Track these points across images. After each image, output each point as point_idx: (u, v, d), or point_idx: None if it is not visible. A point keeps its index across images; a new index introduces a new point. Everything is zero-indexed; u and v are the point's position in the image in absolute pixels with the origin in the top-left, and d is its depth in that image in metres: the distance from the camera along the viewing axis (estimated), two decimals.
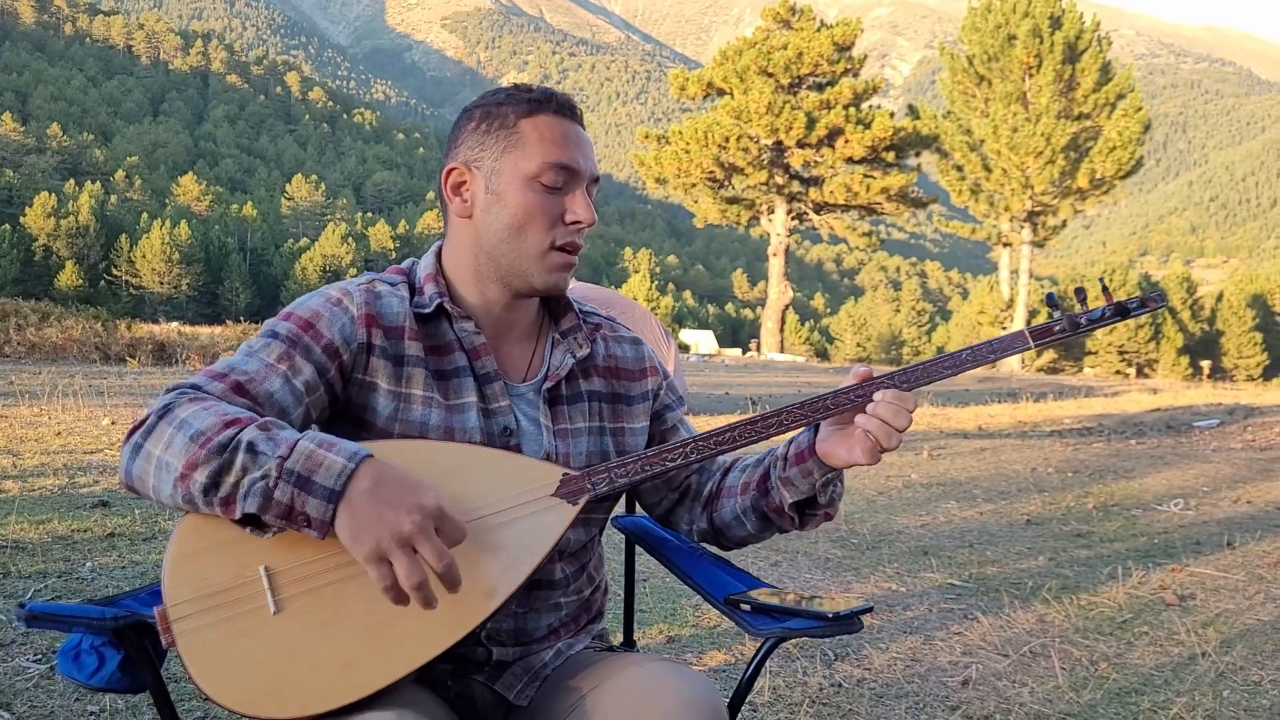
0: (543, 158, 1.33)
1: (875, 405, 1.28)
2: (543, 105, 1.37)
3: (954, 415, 13.18)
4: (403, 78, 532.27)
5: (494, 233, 1.36)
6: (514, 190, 1.34)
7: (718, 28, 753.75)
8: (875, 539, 5.17)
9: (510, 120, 1.36)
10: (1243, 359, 68.54)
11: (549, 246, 1.35)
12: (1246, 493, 6.84)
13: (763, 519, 1.46)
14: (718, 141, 40.02)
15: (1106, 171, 41.05)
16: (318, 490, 1.08)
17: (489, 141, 1.37)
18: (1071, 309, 1.37)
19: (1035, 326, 1.34)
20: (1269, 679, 3.14)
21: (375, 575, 1.07)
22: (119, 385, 11.47)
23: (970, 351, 1.34)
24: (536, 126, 1.35)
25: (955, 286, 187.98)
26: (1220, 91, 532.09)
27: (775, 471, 1.42)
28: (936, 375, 1.33)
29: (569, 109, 1.38)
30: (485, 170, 1.37)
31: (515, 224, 1.34)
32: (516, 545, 1.21)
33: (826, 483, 1.39)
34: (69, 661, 1.23)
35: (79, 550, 4.04)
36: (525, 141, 1.35)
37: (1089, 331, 1.37)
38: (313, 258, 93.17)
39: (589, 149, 1.39)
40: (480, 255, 1.38)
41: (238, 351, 1.30)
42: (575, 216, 1.35)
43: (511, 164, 1.35)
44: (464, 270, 1.40)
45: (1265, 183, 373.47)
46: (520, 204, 1.34)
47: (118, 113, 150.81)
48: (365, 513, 1.07)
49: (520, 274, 1.36)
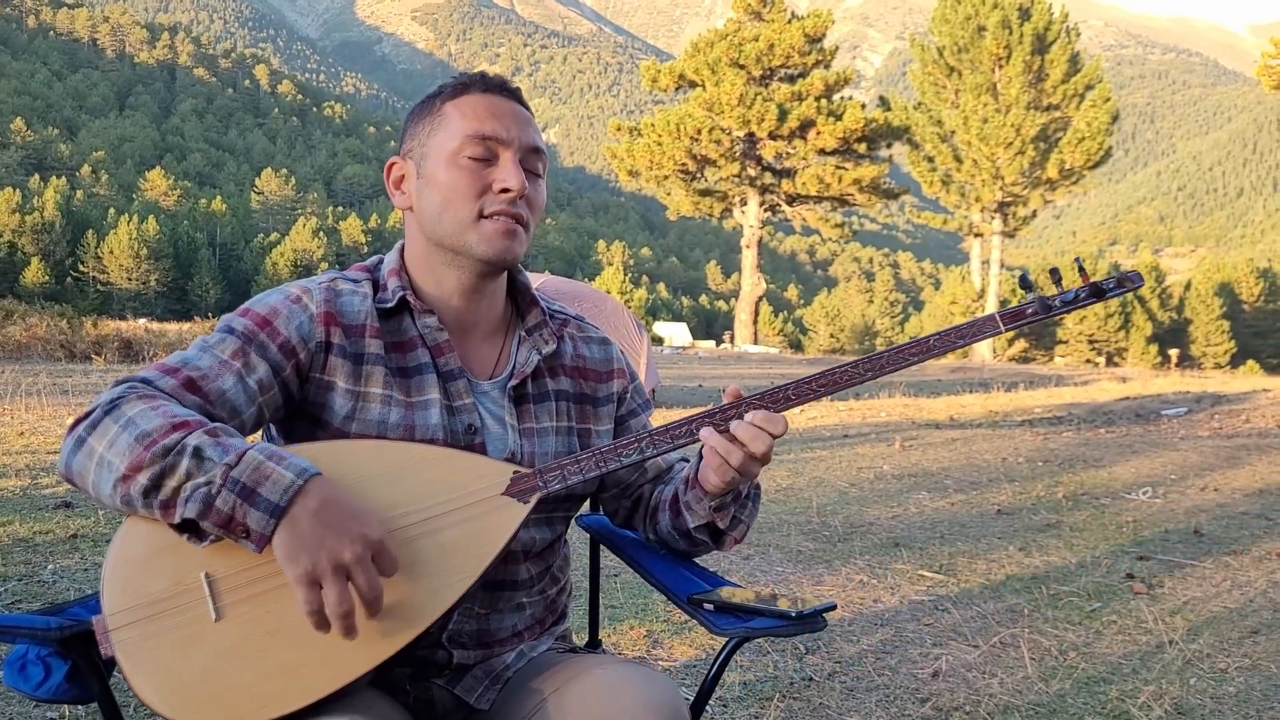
0: (463, 133, 1.32)
1: (737, 426, 1.28)
2: (468, 87, 1.36)
3: (926, 405, 13.25)
4: (373, 70, 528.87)
5: (429, 215, 1.34)
6: (440, 169, 1.33)
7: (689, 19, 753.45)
8: (847, 531, 5.18)
9: (437, 105, 1.37)
10: (1210, 347, 69.30)
11: (478, 215, 1.32)
12: (1214, 481, 6.91)
13: (686, 538, 1.46)
14: (690, 133, 39.99)
15: (1076, 162, 41.39)
16: (261, 503, 1.06)
17: (419, 130, 1.37)
18: (1047, 292, 1.35)
19: (1006, 309, 1.31)
20: (1235, 666, 3.16)
21: (303, 597, 1.05)
22: (84, 384, 11.32)
23: (938, 337, 1.31)
24: (459, 106, 1.34)
25: (928, 277, 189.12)
26: (1187, 82, 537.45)
27: (681, 494, 1.42)
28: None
29: (498, 86, 1.37)
30: (416, 157, 1.37)
31: (443, 200, 1.33)
32: (465, 545, 1.18)
33: (719, 508, 1.39)
34: (14, 672, 1.20)
35: (40, 553, 3.98)
36: (448, 121, 1.34)
37: (1063, 313, 1.33)
38: (283, 252, 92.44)
39: (523, 120, 1.36)
40: (427, 243, 1.37)
41: (192, 345, 1.27)
42: (503, 184, 1.31)
43: (436, 146, 1.34)
44: (419, 261, 1.38)
45: (1232, 172, 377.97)
46: (445, 181, 1.32)
47: (83, 107, 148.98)
48: (307, 533, 1.06)
49: (462, 249, 1.33)
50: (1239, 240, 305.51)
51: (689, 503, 1.40)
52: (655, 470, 1.52)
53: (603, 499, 1.57)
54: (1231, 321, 72.62)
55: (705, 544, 1.46)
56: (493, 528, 1.21)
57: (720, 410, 1.31)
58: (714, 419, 1.30)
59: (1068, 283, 1.34)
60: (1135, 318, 65.40)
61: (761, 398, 1.31)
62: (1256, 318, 77.40)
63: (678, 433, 1.29)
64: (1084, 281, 1.33)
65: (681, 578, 1.49)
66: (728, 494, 1.36)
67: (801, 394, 1.31)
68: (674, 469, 1.54)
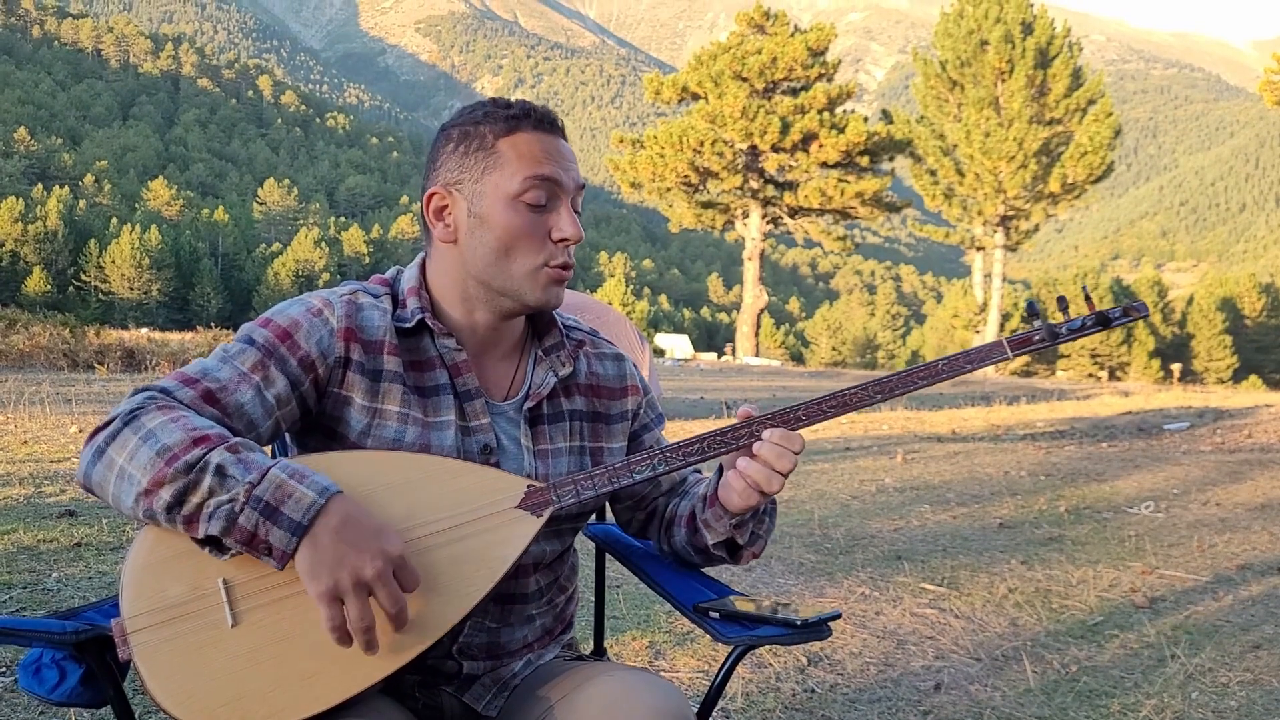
0: (524, 175, 1.30)
1: (759, 446, 1.29)
2: (521, 122, 1.33)
3: (928, 419, 13.25)
4: (376, 82, 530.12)
5: (481, 257, 1.32)
6: (498, 212, 1.31)
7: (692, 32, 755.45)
8: (849, 543, 5.18)
9: (489, 140, 1.33)
10: (1213, 362, 69.26)
11: (539, 266, 1.32)
12: (1216, 495, 6.91)
13: (702, 554, 1.47)
14: (692, 146, 40.10)
15: (1078, 176, 41.43)
16: (284, 521, 1.08)
17: (468, 163, 1.33)
18: (1052, 318, 1.37)
19: (1014, 336, 1.33)
20: (1236, 680, 3.17)
21: (326, 613, 1.07)
22: (87, 393, 11.33)
23: (946, 362, 1.33)
24: (515, 145, 1.32)
25: (929, 290, 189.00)
26: (1190, 97, 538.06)
27: (698, 511, 1.43)
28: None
29: (548, 122, 1.35)
30: (467, 193, 1.33)
31: (502, 247, 1.31)
32: (479, 557, 1.20)
33: (739, 524, 1.39)
34: (30, 676, 1.21)
35: (45, 561, 3.98)
36: (505, 161, 1.31)
37: (1069, 340, 1.35)
38: (285, 263, 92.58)
39: (571, 160, 1.35)
40: (468, 280, 1.35)
41: (212, 355, 1.28)
42: (563, 234, 1.32)
43: (493, 185, 1.31)
44: (450, 293, 1.37)
45: (1234, 187, 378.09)
46: (505, 226, 1.30)
47: (86, 117, 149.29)
48: (328, 551, 1.07)
49: (512, 295, 1.33)
50: (1241, 255, 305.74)
51: (707, 520, 1.40)
52: (670, 483, 1.53)
53: (616, 509, 1.58)
54: (1234, 336, 72.60)
55: (722, 559, 1.46)
56: (506, 541, 1.22)
57: (733, 430, 1.32)
58: (727, 438, 1.32)
59: (1075, 310, 1.36)
60: (1137, 332, 65.40)
61: (773, 418, 1.32)
62: (1259, 333, 77.36)
63: (689, 450, 1.30)
64: (1090, 309, 1.35)
65: (687, 586, 1.50)
66: (748, 511, 1.37)
67: (812, 414, 1.33)
68: (687, 482, 1.55)
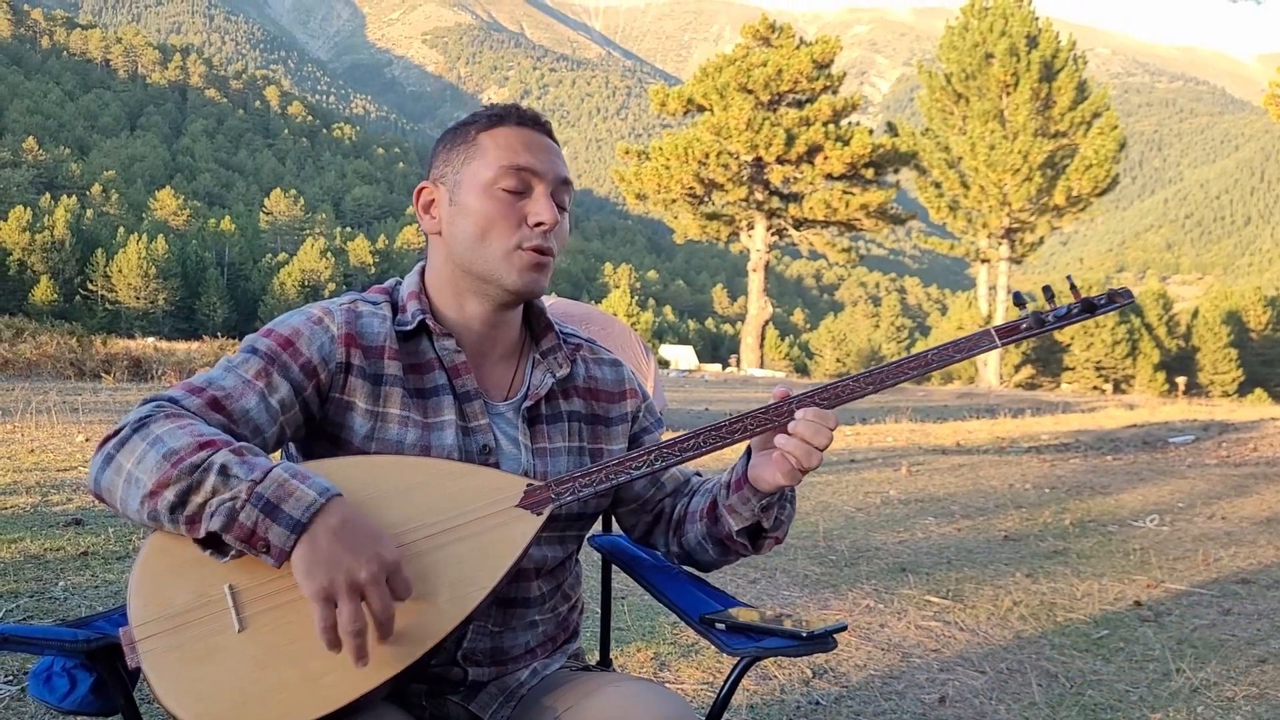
0: (500, 164, 1.35)
1: (795, 424, 1.29)
2: (504, 119, 1.40)
3: (932, 431, 13.24)
4: (383, 93, 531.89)
5: (461, 243, 1.37)
6: (474, 198, 1.36)
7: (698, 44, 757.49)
8: (853, 556, 5.18)
9: (471, 135, 1.40)
10: (1218, 375, 69.09)
11: (513, 248, 1.36)
12: (1221, 509, 6.90)
13: (720, 546, 1.46)
14: (698, 157, 40.15)
15: (1083, 189, 41.40)
16: (283, 519, 1.09)
17: (452, 157, 1.40)
18: (1040, 308, 1.38)
19: (1002, 325, 1.34)
20: (1242, 695, 3.16)
21: (318, 614, 1.07)
22: (94, 402, 11.36)
23: (936, 352, 1.34)
24: (494, 137, 1.38)
25: (934, 302, 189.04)
26: (1195, 110, 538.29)
27: (721, 499, 1.43)
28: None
29: (531, 120, 1.41)
30: (449, 184, 1.40)
31: (478, 230, 1.36)
32: (481, 556, 1.21)
33: (766, 507, 1.39)
34: (40, 684, 1.22)
35: (51, 569, 4.00)
36: (483, 151, 1.37)
37: (1056, 328, 1.36)
38: (291, 273, 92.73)
39: (554, 154, 1.40)
40: (455, 269, 1.40)
41: (217, 366, 1.31)
42: (538, 218, 1.35)
43: (470, 174, 1.37)
44: (443, 286, 1.42)
45: (1239, 200, 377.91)
46: (480, 210, 1.35)
47: (94, 127, 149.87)
48: (325, 551, 1.08)
49: (492, 279, 1.37)
50: (1246, 268, 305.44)
51: (732, 505, 1.40)
52: (673, 484, 1.54)
53: (619, 514, 1.58)
54: (1239, 349, 72.42)
55: (741, 549, 1.44)
56: (507, 539, 1.23)
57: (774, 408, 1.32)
58: (769, 414, 1.32)
59: (1061, 300, 1.37)
60: (1142, 345, 65.30)
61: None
62: (1264, 346, 77.19)
63: (685, 445, 1.31)
64: (1076, 298, 1.37)
65: (693, 598, 1.51)
66: (779, 491, 1.37)
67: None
68: (691, 483, 1.55)
